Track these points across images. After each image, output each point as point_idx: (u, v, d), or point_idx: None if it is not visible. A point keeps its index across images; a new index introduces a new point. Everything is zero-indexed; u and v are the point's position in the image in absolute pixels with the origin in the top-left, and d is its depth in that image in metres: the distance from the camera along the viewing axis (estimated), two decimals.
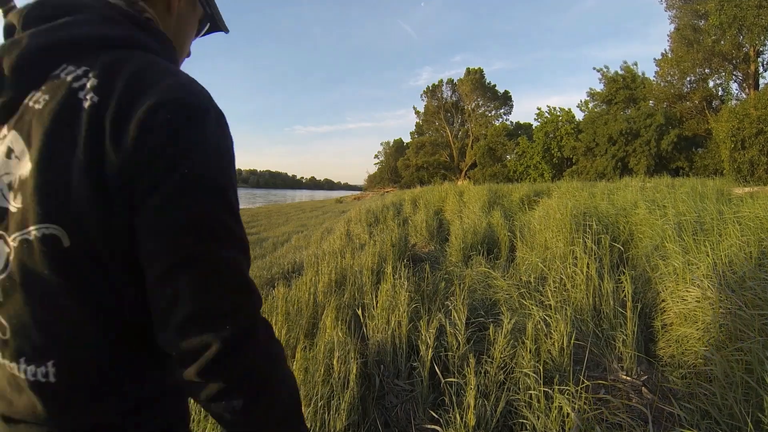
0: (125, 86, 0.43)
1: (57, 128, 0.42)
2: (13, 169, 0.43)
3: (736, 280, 2.10)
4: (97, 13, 0.49)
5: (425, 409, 1.87)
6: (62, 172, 0.41)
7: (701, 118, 21.35)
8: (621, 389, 1.89)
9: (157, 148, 0.41)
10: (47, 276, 0.42)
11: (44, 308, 0.43)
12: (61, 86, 0.44)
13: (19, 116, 0.45)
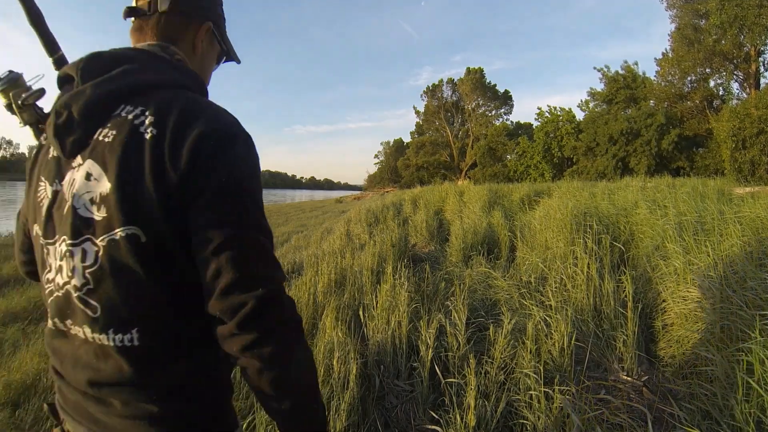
0: (176, 122, 0.56)
1: (127, 156, 0.55)
2: (93, 188, 0.56)
3: (737, 280, 2.10)
4: (142, 62, 0.62)
5: (425, 409, 1.87)
6: (136, 187, 0.54)
7: (702, 117, 21.31)
8: (621, 389, 1.89)
9: (203, 165, 0.55)
10: (131, 265, 0.55)
11: (129, 289, 0.56)
12: (124, 123, 0.57)
13: (91, 148, 0.57)
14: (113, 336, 0.56)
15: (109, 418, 0.58)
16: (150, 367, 0.57)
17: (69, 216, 0.57)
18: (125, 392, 0.57)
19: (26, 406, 2.15)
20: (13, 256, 6.60)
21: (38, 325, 3.62)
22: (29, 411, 2.10)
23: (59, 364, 0.62)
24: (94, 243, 0.55)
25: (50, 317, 0.61)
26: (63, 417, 0.64)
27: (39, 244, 0.63)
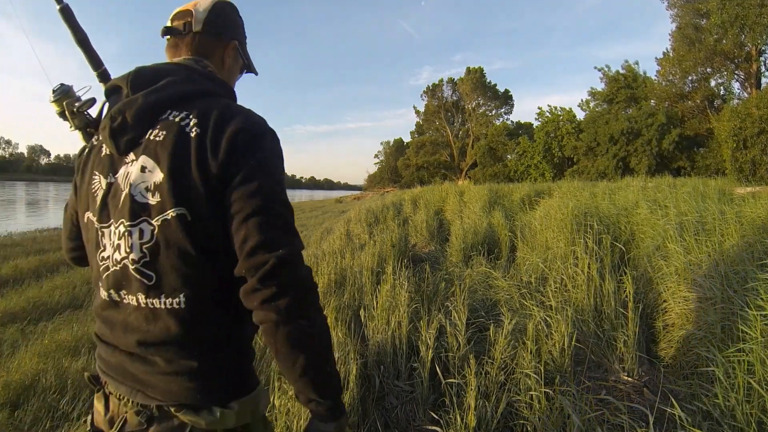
0: (215, 122, 0.67)
1: (176, 151, 0.66)
2: (147, 179, 0.67)
3: (738, 280, 2.09)
4: (182, 75, 0.74)
5: (425, 410, 1.87)
6: (184, 176, 0.65)
7: (703, 117, 21.28)
8: (622, 390, 1.88)
9: (238, 154, 0.66)
10: (180, 239, 0.64)
11: (178, 260, 0.65)
12: (172, 125, 0.68)
13: (144, 146, 0.68)
14: (164, 300, 0.66)
15: (151, 376, 0.67)
16: (193, 327, 0.67)
17: (127, 202, 0.68)
18: (170, 350, 0.66)
19: (25, 407, 2.15)
20: (11, 256, 6.62)
21: (37, 326, 3.62)
22: (28, 411, 2.10)
23: (109, 331, 0.72)
24: (150, 223, 0.66)
25: (104, 290, 0.72)
26: (105, 380, 0.74)
27: (93, 229, 0.73)
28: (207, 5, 0.82)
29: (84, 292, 4.71)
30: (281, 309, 0.63)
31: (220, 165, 0.65)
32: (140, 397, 0.68)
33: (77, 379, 2.41)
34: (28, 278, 5.33)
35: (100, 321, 0.75)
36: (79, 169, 0.80)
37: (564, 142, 26.86)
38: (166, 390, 0.66)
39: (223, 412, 0.67)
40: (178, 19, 0.82)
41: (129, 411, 0.69)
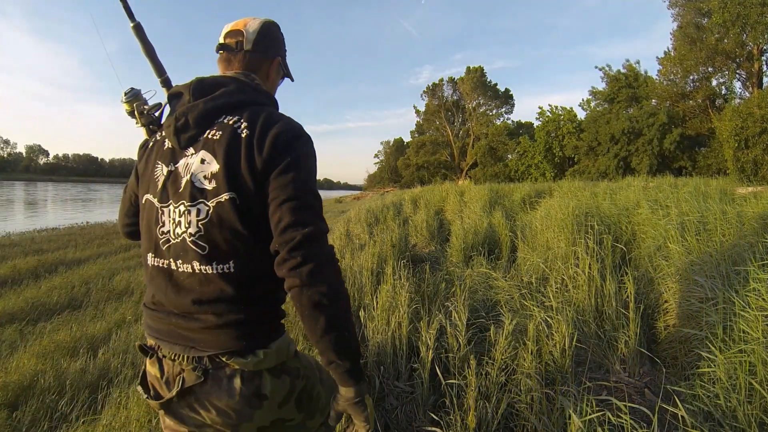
0: (261, 125, 0.82)
1: (230, 147, 0.81)
2: (206, 169, 0.82)
3: (740, 280, 2.08)
4: (234, 86, 0.89)
5: (426, 410, 1.86)
6: (236, 167, 0.80)
7: (704, 117, 21.23)
8: (623, 391, 1.87)
9: (278, 152, 0.80)
10: (230, 218, 0.79)
11: (228, 234, 0.80)
12: (227, 127, 0.83)
13: (203, 143, 0.84)
14: (216, 266, 0.80)
15: (203, 332, 0.81)
16: (241, 287, 0.81)
17: (188, 187, 0.82)
18: (222, 306, 0.80)
19: (24, 408, 2.16)
20: (9, 256, 6.62)
21: (35, 326, 3.62)
22: (27, 412, 2.10)
23: (163, 296, 0.85)
24: (206, 204, 0.81)
25: (163, 259, 0.85)
26: (158, 345, 0.86)
27: (153, 208, 0.87)
28: (256, 27, 0.97)
29: (82, 292, 4.71)
30: (304, 275, 0.75)
31: (264, 160, 0.80)
32: (193, 352, 0.81)
33: (76, 380, 2.42)
34: (27, 278, 5.34)
35: (154, 288, 0.87)
36: (141, 158, 0.95)
37: (565, 141, 26.83)
38: (217, 342, 0.80)
39: (266, 352, 0.83)
40: (230, 37, 0.97)
41: (186, 368, 0.81)
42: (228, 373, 0.80)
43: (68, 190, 50.53)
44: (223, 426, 0.82)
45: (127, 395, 1.94)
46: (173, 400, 0.82)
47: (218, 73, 0.97)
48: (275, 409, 0.85)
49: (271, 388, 0.84)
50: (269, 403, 0.83)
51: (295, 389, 0.89)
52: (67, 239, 8.83)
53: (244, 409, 0.81)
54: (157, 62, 1.10)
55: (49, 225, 12.67)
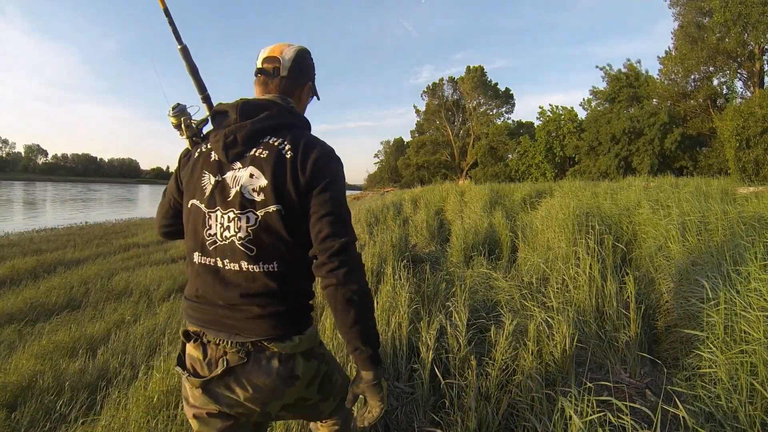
0: (303, 149, 0.95)
1: (276, 166, 0.93)
2: (254, 183, 0.94)
3: (741, 280, 2.07)
4: (276, 110, 1.01)
5: (426, 411, 1.86)
6: (282, 184, 0.93)
7: (705, 116, 21.19)
8: (624, 391, 1.87)
9: (317, 173, 0.94)
10: (276, 226, 0.93)
11: (273, 239, 0.93)
12: (272, 147, 0.96)
13: (250, 159, 0.96)
14: (262, 265, 0.93)
15: (245, 322, 0.93)
16: (283, 283, 0.95)
17: (237, 197, 0.94)
18: (266, 299, 0.94)
19: (22, 408, 2.16)
20: (8, 256, 6.61)
21: (34, 326, 3.61)
22: (26, 413, 2.10)
23: (210, 289, 0.96)
24: (255, 213, 0.93)
25: (208, 257, 0.97)
26: (203, 332, 0.97)
27: (199, 212, 0.98)
28: (291, 55, 1.08)
29: (81, 293, 4.70)
30: (340, 277, 0.90)
31: (306, 180, 0.94)
32: (238, 338, 0.93)
33: (75, 381, 2.41)
34: (25, 279, 5.35)
35: (199, 283, 0.98)
36: (185, 167, 1.06)
37: (565, 141, 26.78)
38: (260, 329, 0.93)
39: (300, 338, 0.97)
40: (267, 62, 1.07)
41: (229, 351, 0.94)
42: (267, 356, 0.95)
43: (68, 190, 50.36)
44: (253, 403, 0.94)
45: (126, 396, 1.94)
46: (213, 379, 0.94)
47: (255, 94, 1.10)
48: (302, 389, 0.99)
49: (303, 369, 0.98)
50: (300, 383, 0.98)
51: (319, 372, 1.03)
52: (65, 239, 8.84)
53: (278, 387, 0.95)
54: (199, 81, 1.19)
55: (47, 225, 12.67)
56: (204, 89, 1.20)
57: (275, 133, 0.98)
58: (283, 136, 0.98)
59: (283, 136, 0.98)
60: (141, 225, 12.89)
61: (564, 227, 3.52)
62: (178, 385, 1.95)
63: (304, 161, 0.94)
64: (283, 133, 0.98)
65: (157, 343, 2.96)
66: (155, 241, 9.06)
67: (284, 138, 0.97)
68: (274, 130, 0.99)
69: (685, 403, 1.69)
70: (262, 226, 0.93)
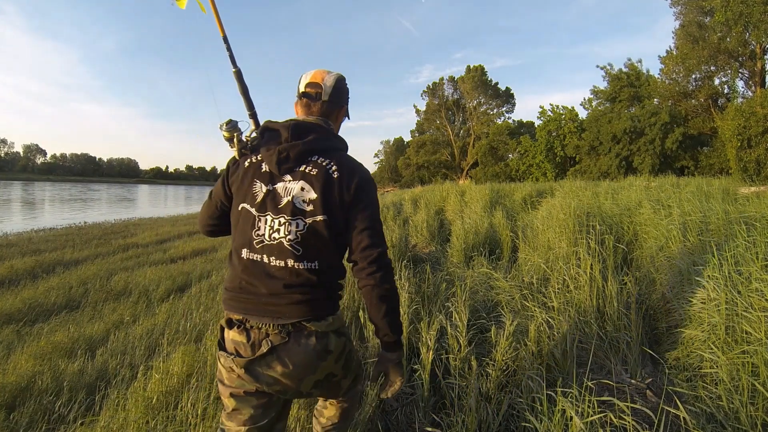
0: (347, 171, 1.13)
1: (325, 183, 1.10)
2: (305, 195, 1.10)
3: (743, 281, 2.06)
4: (321, 132, 1.19)
5: (426, 412, 1.85)
6: (329, 199, 1.10)
7: (707, 116, 21.15)
8: (625, 392, 1.86)
9: (359, 193, 1.12)
10: (322, 232, 1.09)
11: (319, 242, 1.10)
12: (320, 166, 1.12)
13: (300, 174, 1.12)
14: (305, 263, 1.09)
15: (287, 307, 1.07)
16: (322, 277, 1.11)
17: (289, 205, 1.10)
18: (307, 288, 1.09)
19: (21, 409, 2.15)
20: (6, 256, 6.60)
21: (33, 327, 3.61)
22: (24, 414, 2.09)
23: (257, 280, 1.10)
24: (304, 220, 1.09)
25: (256, 254, 1.11)
26: (246, 318, 1.09)
27: (249, 215, 1.13)
28: (332, 82, 1.24)
29: (80, 293, 4.69)
30: (377, 279, 1.11)
31: (351, 198, 1.12)
32: (280, 320, 1.07)
33: (74, 381, 2.40)
34: (24, 279, 5.32)
35: (247, 275, 1.11)
36: (234, 174, 1.20)
37: (566, 141, 26.74)
38: (301, 312, 1.08)
39: (333, 318, 1.15)
40: (311, 87, 1.23)
41: (271, 333, 1.07)
42: (306, 334, 1.09)
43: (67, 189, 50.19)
44: (290, 379, 1.08)
45: (125, 396, 1.93)
46: (256, 359, 1.06)
47: (298, 114, 1.26)
48: (332, 364, 1.14)
49: (335, 345, 1.14)
50: (331, 357, 1.13)
51: (345, 349, 1.19)
52: (64, 239, 8.81)
53: (313, 361, 1.09)
54: (249, 100, 1.35)
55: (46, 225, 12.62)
56: (252, 107, 1.35)
57: (322, 153, 1.16)
58: (330, 157, 1.15)
59: (330, 157, 1.15)
60: (140, 225, 12.85)
61: (565, 227, 3.51)
62: (177, 385, 1.95)
63: (349, 183, 1.12)
64: (330, 155, 1.16)
65: (156, 344, 2.95)
66: (154, 242, 9.06)
67: (331, 159, 1.15)
68: (322, 151, 1.16)
69: (686, 403, 1.68)
70: (310, 232, 1.09)
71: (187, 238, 9.69)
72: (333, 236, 1.11)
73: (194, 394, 1.81)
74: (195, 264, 6.37)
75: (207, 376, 1.95)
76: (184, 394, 1.82)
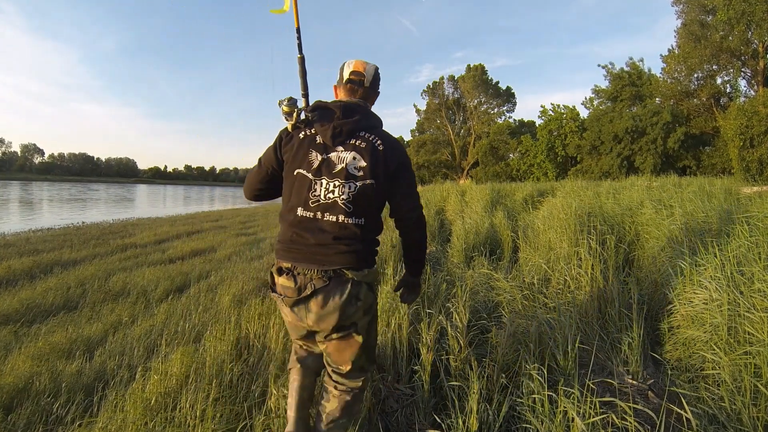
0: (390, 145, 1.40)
1: (372, 154, 1.36)
2: (357, 163, 1.34)
3: (745, 281, 2.05)
4: (364, 112, 1.43)
5: (426, 413, 1.84)
6: (376, 167, 1.35)
7: (709, 115, 21.10)
8: (627, 393, 1.85)
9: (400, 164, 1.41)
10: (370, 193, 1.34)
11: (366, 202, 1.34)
12: (367, 139, 1.37)
13: (351, 146, 1.36)
14: (354, 219, 1.32)
15: (333, 256, 1.30)
16: (365, 231, 1.35)
17: (343, 171, 1.32)
18: (352, 241, 1.32)
19: (19, 411, 2.14)
20: (4, 256, 6.58)
21: (30, 328, 3.59)
22: (22, 415, 2.08)
23: (309, 234, 1.31)
24: (355, 183, 1.32)
25: (309, 212, 1.33)
26: (295, 266, 1.32)
27: (306, 179, 1.34)
28: (372, 71, 1.49)
29: (78, 293, 4.65)
30: (413, 222, 1.47)
31: (394, 167, 1.38)
32: (324, 267, 1.29)
33: (72, 382, 2.39)
34: (22, 279, 5.27)
35: (299, 229, 1.33)
36: (286, 144, 1.41)
37: (567, 140, 26.69)
38: (343, 260, 1.30)
39: (369, 271, 1.36)
40: (355, 75, 1.46)
41: (315, 278, 1.29)
42: (343, 280, 1.31)
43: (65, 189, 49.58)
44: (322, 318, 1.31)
45: (123, 398, 1.92)
46: (301, 299, 1.30)
47: (341, 96, 1.49)
48: (360, 313, 1.36)
49: (364, 296, 1.35)
50: (360, 305, 1.34)
51: (372, 308, 1.42)
52: (62, 240, 8.72)
53: (344, 305, 1.30)
54: (305, 83, 1.52)
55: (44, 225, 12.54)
56: (306, 89, 1.53)
57: (368, 130, 1.40)
58: (374, 133, 1.40)
59: (373, 133, 1.39)
60: (139, 225, 12.73)
61: (566, 227, 3.50)
62: (176, 386, 1.94)
63: (392, 155, 1.38)
64: (373, 131, 1.40)
65: (155, 345, 2.94)
66: (153, 242, 9.02)
67: (375, 135, 1.39)
68: (368, 128, 1.40)
69: (688, 404, 1.67)
70: (360, 193, 1.33)
71: (186, 238, 9.64)
72: (377, 197, 1.36)
73: (193, 395, 1.80)
74: (194, 264, 6.34)
75: (206, 377, 1.94)
76: (183, 395, 1.81)
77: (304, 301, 1.30)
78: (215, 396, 1.79)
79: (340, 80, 1.48)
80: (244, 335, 2.51)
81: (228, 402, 1.84)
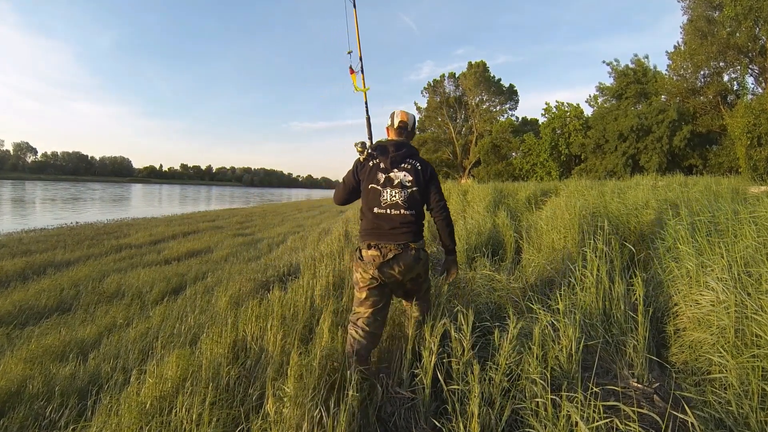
0: (424, 166, 2.30)
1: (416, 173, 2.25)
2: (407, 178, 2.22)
3: (752, 282, 2.01)
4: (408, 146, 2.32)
5: (427, 417, 1.82)
6: (419, 180, 2.25)
7: (715, 113, 20.87)
8: (632, 397, 1.81)
9: (432, 177, 2.31)
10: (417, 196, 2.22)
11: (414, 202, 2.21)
12: (412, 164, 2.27)
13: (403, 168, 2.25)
14: (410, 212, 2.15)
15: (401, 236, 2.10)
16: (416, 219, 2.18)
17: (399, 184, 2.17)
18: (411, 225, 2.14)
19: (11, 415, 2.13)
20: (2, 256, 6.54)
21: (23, 330, 3.58)
22: (14, 419, 2.07)
23: (385, 223, 2.12)
24: (407, 190, 2.17)
25: (382, 209, 2.14)
26: (379, 243, 2.08)
27: (376, 190, 2.16)
28: (412, 119, 2.37)
29: (72, 295, 4.62)
30: (443, 215, 2.28)
31: (427, 179, 2.24)
32: (398, 241, 2.07)
33: (65, 386, 2.38)
34: (14, 280, 5.25)
35: (378, 220, 2.11)
36: (362, 170, 2.24)
37: (571, 139, 26.53)
38: (407, 237, 2.10)
39: (421, 242, 2.16)
40: (402, 123, 2.33)
41: (392, 249, 2.05)
42: (409, 249, 2.08)
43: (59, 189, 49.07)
44: (401, 274, 2.08)
45: (118, 401, 1.91)
46: (386, 262, 2.04)
47: (393, 136, 2.37)
48: (422, 268, 2.15)
49: (423, 256, 2.14)
50: (422, 263, 2.14)
51: (427, 263, 2.21)
52: (56, 240, 8.69)
53: (413, 264, 2.08)
54: (370, 130, 2.49)
55: (37, 225, 12.48)
56: (370, 133, 2.47)
57: (411, 157, 2.24)
58: (415, 159, 2.24)
59: (415, 159, 2.24)
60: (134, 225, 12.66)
61: (570, 228, 3.46)
62: (171, 390, 1.93)
63: (426, 171, 2.23)
64: (415, 158, 2.24)
65: (150, 347, 2.92)
66: (148, 242, 9.01)
67: (416, 160, 2.23)
68: (410, 155, 2.24)
69: (694, 408, 1.65)
70: (411, 195, 2.14)
71: (182, 239, 9.59)
72: (420, 197, 2.17)
73: (189, 399, 1.78)
74: (190, 265, 6.32)
75: (202, 381, 1.93)
76: (179, 398, 1.79)
77: (388, 264, 2.03)
78: (211, 400, 1.78)
79: (392, 125, 2.34)
80: (241, 338, 2.49)
81: (225, 406, 1.82)
